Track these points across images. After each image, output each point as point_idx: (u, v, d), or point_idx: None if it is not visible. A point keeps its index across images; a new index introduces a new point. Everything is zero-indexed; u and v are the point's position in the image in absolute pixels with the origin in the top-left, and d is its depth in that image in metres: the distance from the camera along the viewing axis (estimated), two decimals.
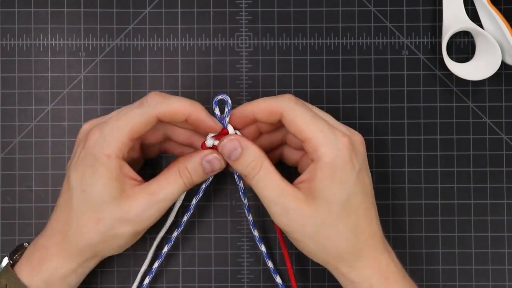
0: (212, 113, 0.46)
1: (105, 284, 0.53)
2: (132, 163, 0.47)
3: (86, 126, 0.47)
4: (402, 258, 0.52)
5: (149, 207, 0.45)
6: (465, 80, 0.53)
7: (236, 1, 0.54)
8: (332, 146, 0.44)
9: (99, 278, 0.53)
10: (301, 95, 0.53)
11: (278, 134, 0.49)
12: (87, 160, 0.45)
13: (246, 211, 0.50)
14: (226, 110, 0.46)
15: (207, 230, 0.53)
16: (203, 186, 0.49)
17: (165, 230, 0.51)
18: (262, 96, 0.52)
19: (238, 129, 0.47)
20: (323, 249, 0.45)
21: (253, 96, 0.53)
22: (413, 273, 0.52)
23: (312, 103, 0.53)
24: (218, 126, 0.46)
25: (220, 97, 0.46)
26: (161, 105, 0.45)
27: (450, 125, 0.54)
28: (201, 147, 0.47)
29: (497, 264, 0.53)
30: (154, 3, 0.54)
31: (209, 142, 0.47)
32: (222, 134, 0.47)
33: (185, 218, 0.50)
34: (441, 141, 0.54)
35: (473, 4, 0.54)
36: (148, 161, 0.52)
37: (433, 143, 0.54)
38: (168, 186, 0.45)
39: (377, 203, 0.46)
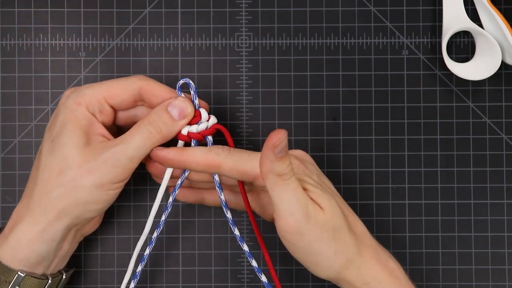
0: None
1: (105, 284, 0.53)
2: None
3: (67, 92, 0.47)
4: (402, 258, 0.52)
5: (112, 155, 0.43)
6: (465, 80, 0.53)
7: (236, 1, 0.54)
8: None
9: (99, 277, 0.53)
10: (300, 95, 0.53)
11: None
12: (59, 112, 0.45)
13: (231, 225, 0.47)
14: (192, 92, 0.46)
15: (207, 230, 0.53)
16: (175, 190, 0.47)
17: (148, 229, 0.48)
18: (263, 96, 0.52)
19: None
20: (338, 252, 0.44)
21: (253, 95, 0.53)
22: (413, 273, 0.52)
23: (312, 103, 0.53)
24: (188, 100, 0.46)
25: (182, 81, 0.46)
26: (146, 79, 0.46)
27: (450, 125, 0.54)
28: (177, 138, 0.46)
29: (497, 264, 0.53)
30: (154, 3, 0.54)
31: (184, 130, 0.46)
32: (194, 116, 0.46)
33: (163, 218, 0.48)
34: (441, 141, 0.54)
35: (473, 4, 0.54)
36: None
37: (433, 143, 0.54)
38: (135, 134, 0.44)
39: (376, 203, 0.46)
